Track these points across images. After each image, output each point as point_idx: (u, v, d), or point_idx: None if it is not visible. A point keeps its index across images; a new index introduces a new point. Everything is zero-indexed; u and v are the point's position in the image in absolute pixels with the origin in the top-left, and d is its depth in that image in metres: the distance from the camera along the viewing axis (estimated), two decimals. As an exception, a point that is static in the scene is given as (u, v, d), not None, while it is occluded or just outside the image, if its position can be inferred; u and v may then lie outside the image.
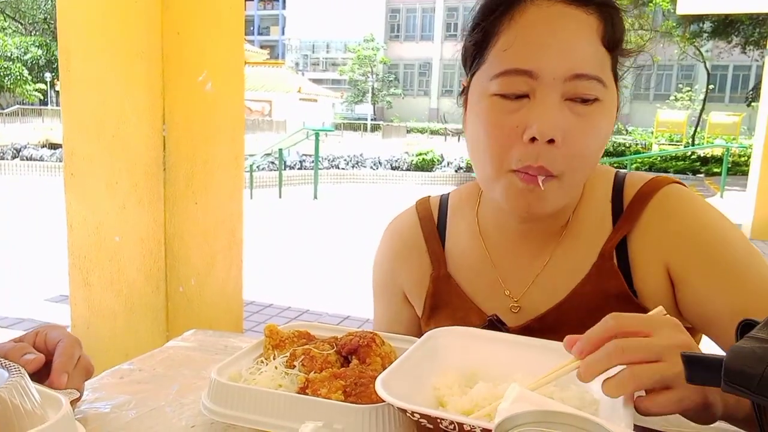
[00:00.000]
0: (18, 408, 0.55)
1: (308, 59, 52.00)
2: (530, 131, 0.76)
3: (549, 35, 0.77)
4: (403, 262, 1.03)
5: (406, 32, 47.08)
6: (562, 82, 0.77)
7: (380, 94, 44.69)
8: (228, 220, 2.50)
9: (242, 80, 2.53)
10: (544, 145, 0.77)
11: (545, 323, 0.89)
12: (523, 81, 0.77)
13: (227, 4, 2.38)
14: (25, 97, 31.93)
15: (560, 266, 0.90)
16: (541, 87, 0.77)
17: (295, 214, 10.05)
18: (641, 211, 0.87)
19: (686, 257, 0.83)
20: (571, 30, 0.78)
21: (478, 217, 0.98)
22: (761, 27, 19.98)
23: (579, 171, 0.81)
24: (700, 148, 18.13)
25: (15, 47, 32.54)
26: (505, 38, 0.79)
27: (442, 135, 32.01)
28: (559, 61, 0.76)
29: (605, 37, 0.79)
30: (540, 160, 0.77)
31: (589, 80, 0.77)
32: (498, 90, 0.79)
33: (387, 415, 0.67)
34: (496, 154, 0.80)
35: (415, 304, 1.03)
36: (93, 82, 2.22)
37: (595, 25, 0.79)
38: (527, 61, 0.77)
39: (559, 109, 0.77)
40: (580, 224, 0.90)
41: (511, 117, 0.79)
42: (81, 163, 2.28)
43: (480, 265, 0.95)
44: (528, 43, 0.78)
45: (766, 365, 0.49)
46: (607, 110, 0.80)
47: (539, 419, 0.47)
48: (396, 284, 1.05)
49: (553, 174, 0.78)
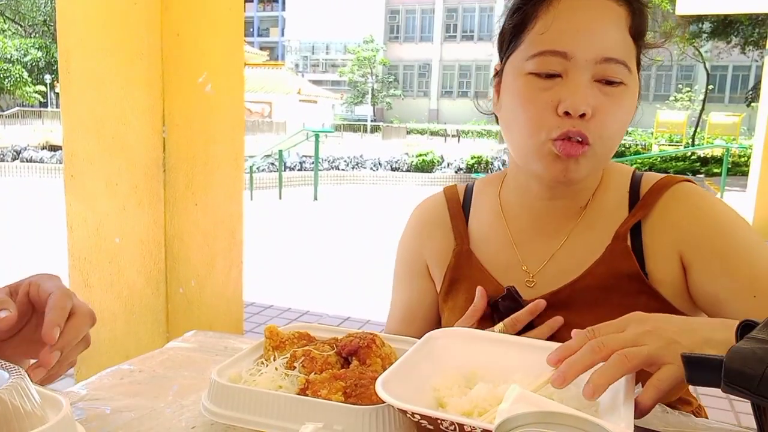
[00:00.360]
0: (18, 409, 0.55)
1: (308, 60, 52.04)
2: (563, 105, 0.84)
3: (583, 21, 0.85)
4: (428, 237, 1.09)
5: (405, 33, 47.12)
6: (593, 64, 0.84)
7: (380, 95, 44.73)
8: (228, 221, 2.50)
9: (242, 81, 2.54)
10: (576, 119, 0.84)
11: (558, 298, 0.93)
12: (557, 61, 0.85)
13: (227, 5, 2.39)
14: (25, 99, 31.95)
15: (576, 246, 0.95)
16: (574, 68, 0.84)
17: (295, 216, 10.05)
18: (657, 199, 0.93)
19: (698, 243, 0.89)
20: (603, 18, 0.85)
21: (500, 198, 1.05)
22: (760, 27, 19.99)
23: (607, 144, 0.88)
24: (700, 149, 18.13)
25: (15, 49, 32.57)
26: (543, 22, 0.87)
27: (442, 136, 32.05)
28: (591, 45, 0.84)
29: (632, 27, 0.87)
30: (577, 126, 0.85)
31: (617, 64, 0.85)
32: (533, 69, 0.87)
33: (387, 417, 0.67)
34: (534, 126, 0.87)
35: (436, 279, 1.09)
36: (93, 83, 2.22)
37: (624, 15, 0.86)
38: (562, 44, 0.85)
39: (590, 88, 0.85)
40: (597, 208, 0.96)
41: (544, 93, 0.86)
42: (81, 165, 2.28)
43: (500, 242, 1.01)
44: (564, 27, 0.85)
45: (766, 366, 0.49)
46: (630, 93, 0.88)
47: (539, 420, 0.47)
48: (421, 259, 1.10)
49: (588, 142, 0.85)
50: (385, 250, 7.46)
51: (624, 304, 0.87)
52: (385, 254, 7.29)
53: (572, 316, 0.91)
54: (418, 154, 15.78)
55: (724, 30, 20.96)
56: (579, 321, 0.87)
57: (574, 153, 0.85)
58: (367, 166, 15.71)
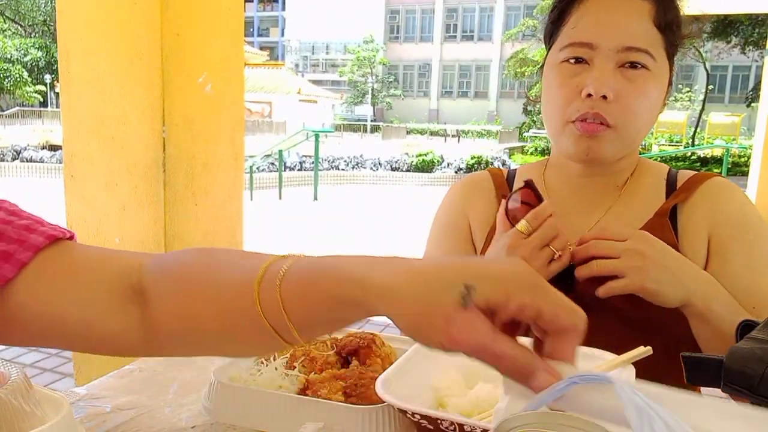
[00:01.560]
0: (18, 409, 0.56)
1: (308, 60, 52.01)
2: (587, 89, 0.94)
3: (607, 15, 0.95)
4: (473, 200, 1.15)
5: (405, 33, 47.06)
6: (615, 53, 0.94)
7: (380, 95, 44.68)
8: (228, 221, 2.50)
9: (242, 81, 2.54)
10: (598, 100, 0.93)
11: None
12: (584, 51, 0.95)
13: (226, 5, 2.39)
14: (24, 98, 31.93)
15: (616, 220, 1.03)
16: (599, 56, 0.94)
17: (295, 216, 10.05)
18: (696, 186, 1.01)
19: (727, 234, 0.97)
20: (626, 11, 0.95)
21: (544, 177, 1.12)
22: (760, 27, 19.99)
23: (632, 124, 0.96)
24: (700, 149, 18.14)
25: (15, 49, 32.55)
26: (574, 18, 0.98)
27: (442, 136, 32.04)
28: (613, 35, 0.94)
29: (657, 19, 0.95)
30: (595, 108, 0.93)
31: (638, 52, 0.94)
32: (564, 57, 0.97)
33: (387, 416, 0.67)
34: (560, 109, 0.97)
35: (477, 240, 1.13)
36: (93, 83, 2.22)
37: (648, 8, 0.95)
38: (588, 36, 0.95)
39: (612, 74, 0.94)
40: (635, 190, 1.05)
41: (572, 79, 0.96)
42: (81, 165, 2.28)
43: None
44: (590, 21, 0.96)
45: (765, 366, 0.49)
46: (655, 78, 0.96)
47: (539, 420, 0.47)
48: (464, 219, 1.15)
49: (609, 123, 0.94)
50: (385, 250, 7.45)
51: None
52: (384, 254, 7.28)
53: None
54: (418, 154, 15.78)
55: (724, 30, 20.95)
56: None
57: (593, 131, 0.94)
58: (367, 166, 15.70)
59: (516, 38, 33.39)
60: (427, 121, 41.96)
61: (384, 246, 7.74)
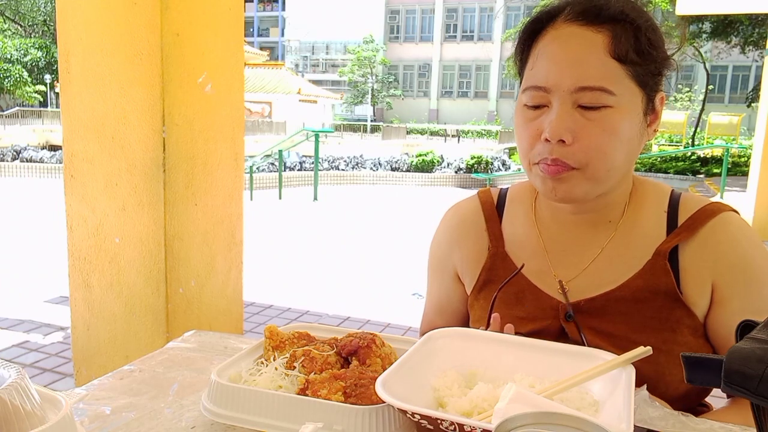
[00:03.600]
0: (18, 409, 0.55)
1: (308, 60, 51.98)
2: (544, 134, 0.91)
3: (559, 54, 0.91)
4: (460, 239, 1.13)
5: (405, 33, 47.03)
6: (569, 94, 0.90)
7: (380, 95, 44.67)
8: (228, 221, 2.50)
9: (242, 81, 2.54)
10: (557, 144, 0.90)
11: (594, 305, 0.97)
12: (540, 95, 0.92)
13: (226, 5, 2.39)
14: (25, 99, 31.93)
15: (612, 259, 0.99)
16: (555, 98, 0.91)
17: (295, 216, 10.05)
18: (701, 226, 0.96)
19: (732, 281, 0.94)
20: (579, 48, 0.90)
21: (535, 206, 1.09)
22: (760, 27, 19.97)
23: (600, 163, 0.91)
24: (699, 149, 18.11)
25: (15, 49, 32.56)
26: (532, 60, 0.95)
27: (442, 136, 32.03)
28: (565, 76, 0.90)
29: (614, 50, 0.89)
30: (554, 154, 0.91)
31: (593, 91, 0.89)
32: (525, 102, 0.95)
33: (387, 416, 0.67)
34: (525, 151, 0.96)
35: (467, 280, 1.13)
36: (93, 83, 2.22)
37: (602, 41, 0.90)
38: (542, 79, 0.92)
39: (569, 115, 0.90)
40: (632, 224, 1.00)
41: (532, 123, 0.94)
42: (81, 165, 2.28)
43: (533, 248, 1.05)
44: (544, 62, 0.92)
45: (765, 366, 0.49)
46: (620, 112, 0.90)
47: (539, 420, 0.47)
48: (450, 264, 1.15)
49: (572, 166, 0.91)
50: (385, 250, 7.46)
51: (657, 317, 0.93)
52: (385, 254, 7.29)
53: (605, 324, 0.96)
54: (418, 154, 15.78)
55: (724, 30, 20.93)
56: (612, 329, 0.95)
57: (555, 173, 0.91)
58: (367, 166, 15.70)
59: (516, 38, 33.31)
60: (427, 121, 41.97)
61: (384, 246, 7.74)
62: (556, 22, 0.93)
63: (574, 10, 0.92)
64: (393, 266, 6.50)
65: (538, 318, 0.99)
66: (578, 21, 0.91)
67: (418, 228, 8.47)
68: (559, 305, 0.98)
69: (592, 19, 0.90)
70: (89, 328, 2.35)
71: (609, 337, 0.94)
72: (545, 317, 0.99)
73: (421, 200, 12.12)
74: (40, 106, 33.42)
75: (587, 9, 0.91)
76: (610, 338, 0.94)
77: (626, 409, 0.63)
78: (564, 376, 0.74)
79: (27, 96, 31.71)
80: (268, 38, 53.71)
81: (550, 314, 0.99)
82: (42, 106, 33.87)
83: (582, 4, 0.92)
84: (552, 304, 0.99)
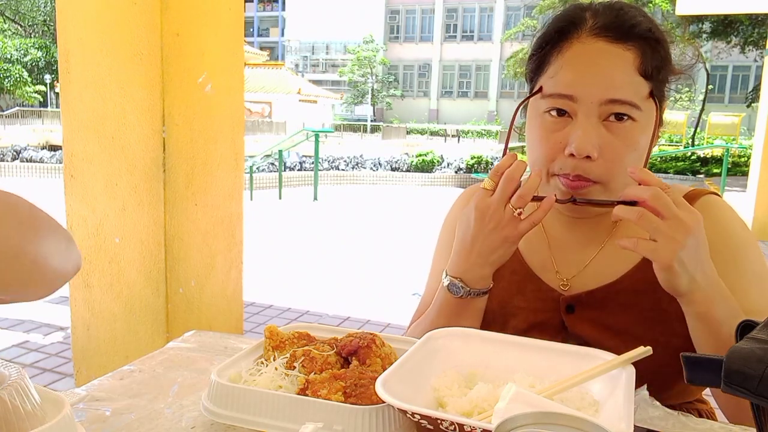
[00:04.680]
0: (18, 409, 0.55)
1: (308, 60, 51.97)
2: (569, 148, 0.91)
3: (589, 67, 0.91)
4: None
5: (405, 33, 47.02)
6: (597, 106, 0.90)
7: (380, 95, 44.67)
8: (228, 221, 2.50)
9: (242, 81, 2.54)
10: (582, 160, 0.90)
11: (594, 297, 0.99)
12: (565, 103, 0.92)
13: (226, 5, 2.39)
14: (24, 99, 31.93)
15: (611, 256, 1.01)
16: (581, 110, 0.91)
17: (295, 216, 10.05)
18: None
19: (720, 261, 0.92)
20: (609, 63, 0.91)
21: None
22: (760, 27, 19.97)
23: (619, 178, 0.92)
24: (700, 149, 18.11)
25: (15, 49, 32.57)
26: (553, 69, 0.94)
27: (442, 136, 32.03)
28: (595, 88, 0.90)
29: (642, 68, 0.91)
30: (577, 170, 0.91)
31: (622, 104, 0.90)
32: (546, 108, 0.94)
33: (387, 416, 0.67)
34: (544, 161, 0.95)
35: None
36: (93, 83, 2.22)
37: (632, 58, 0.91)
38: (569, 88, 0.91)
39: (596, 129, 0.90)
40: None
41: (556, 134, 0.93)
42: (81, 165, 2.28)
43: (537, 243, 1.07)
44: (571, 72, 0.92)
45: (765, 366, 0.49)
46: (641, 128, 0.92)
47: (539, 420, 0.47)
48: None
49: (594, 180, 0.91)
50: (385, 250, 7.46)
51: (657, 308, 0.94)
52: (385, 254, 7.29)
53: (605, 315, 0.97)
54: (418, 154, 15.78)
55: (724, 30, 20.93)
56: (612, 321, 0.96)
57: (577, 188, 0.92)
58: (367, 166, 15.71)
59: (516, 38, 33.37)
60: (427, 121, 41.97)
61: (384, 246, 7.74)
62: (581, 34, 0.93)
63: (600, 24, 0.92)
64: (393, 266, 6.50)
65: (539, 309, 1.01)
66: (607, 37, 0.91)
67: (418, 228, 8.48)
68: (560, 297, 1.00)
69: (622, 36, 0.91)
70: (89, 328, 2.35)
71: (609, 329, 0.96)
72: (546, 309, 1.01)
73: (421, 200, 12.12)
74: (40, 106, 33.42)
75: (617, 25, 0.91)
76: (610, 330, 0.96)
77: (626, 409, 0.63)
78: (564, 376, 0.75)
79: (27, 96, 31.72)
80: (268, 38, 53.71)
81: (551, 306, 1.00)
82: (42, 106, 33.87)
83: (607, 17, 0.93)
84: (553, 296, 1.01)
